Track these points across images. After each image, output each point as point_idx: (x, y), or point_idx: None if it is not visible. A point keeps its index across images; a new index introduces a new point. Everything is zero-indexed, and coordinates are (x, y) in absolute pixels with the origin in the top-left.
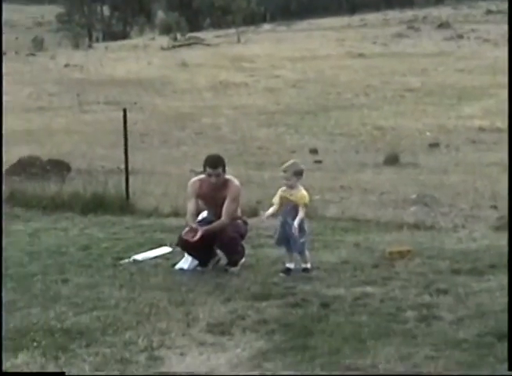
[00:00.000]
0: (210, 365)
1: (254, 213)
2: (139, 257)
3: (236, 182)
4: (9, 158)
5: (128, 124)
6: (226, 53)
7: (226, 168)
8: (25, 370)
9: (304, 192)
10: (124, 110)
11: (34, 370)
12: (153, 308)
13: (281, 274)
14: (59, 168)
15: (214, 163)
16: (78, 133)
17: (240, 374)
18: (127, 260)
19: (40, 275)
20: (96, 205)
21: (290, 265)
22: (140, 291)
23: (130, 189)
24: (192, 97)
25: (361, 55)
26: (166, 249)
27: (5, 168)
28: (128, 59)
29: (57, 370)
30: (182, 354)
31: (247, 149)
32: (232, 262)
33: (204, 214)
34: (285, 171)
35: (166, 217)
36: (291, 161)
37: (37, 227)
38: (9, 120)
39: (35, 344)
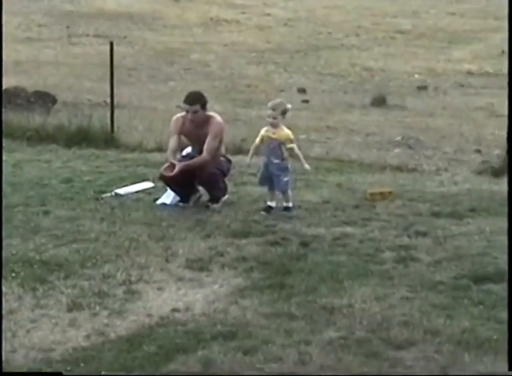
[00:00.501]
0: (188, 300)
1: (239, 151)
2: (121, 191)
3: (219, 119)
4: None
5: (117, 58)
6: None
7: (208, 105)
8: (3, 300)
9: (287, 130)
10: (111, 44)
11: (12, 301)
12: (133, 242)
13: (262, 212)
14: (45, 99)
15: (191, 100)
16: (66, 65)
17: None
18: (109, 194)
19: (21, 206)
20: (81, 138)
21: (272, 204)
22: (121, 225)
23: (115, 124)
24: (183, 33)
25: None
26: (148, 184)
27: None
28: None
29: (34, 301)
30: (159, 289)
31: (235, 86)
32: (214, 199)
33: (189, 149)
34: (273, 109)
35: (150, 152)
36: (279, 100)
37: (21, 158)
38: None
39: (13, 275)
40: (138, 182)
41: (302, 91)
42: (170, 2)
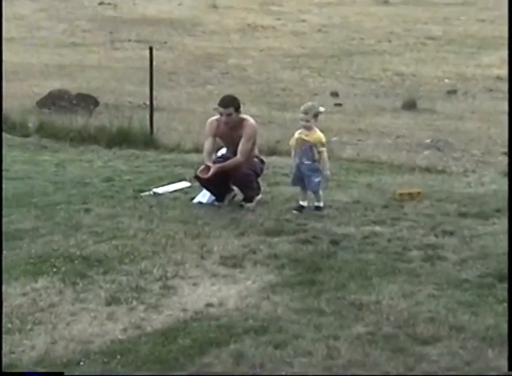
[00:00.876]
0: (221, 296)
1: (273, 152)
2: (159, 190)
3: (252, 121)
4: (40, 91)
5: (157, 62)
6: None
7: (244, 108)
8: (43, 294)
9: (319, 133)
10: (151, 49)
11: (53, 295)
12: (170, 239)
13: (294, 211)
14: (88, 102)
15: (226, 103)
16: (109, 69)
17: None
18: (147, 193)
19: (63, 204)
20: (121, 139)
21: (304, 203)
22: (158, 223)
23: (154, 125)
24: (221, 38)
25: (386, 2)
26: (185, 184)
27: (35, 100)
28: None
29: (74, 295)
30: (194, 284)
31: (271, 90)
32: (248, 198)
33: (223, 150)
34: (306, 113)
35: (187, 153)
36: (310, 103)
37: (64, 158)
38: (42, 54)
39: (55, 269)
40: (176, 181)
41: (335, 94)
42: (209, 9)
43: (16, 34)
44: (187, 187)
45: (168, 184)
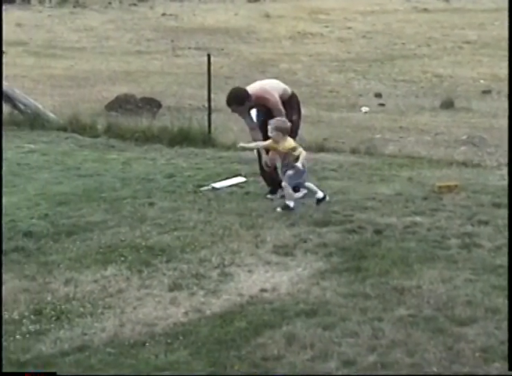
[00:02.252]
0: (274, 282)
1: (321, 149)
2: (217, 185)
3: (261, 91)
4: (108, 95)
5: (214, 68)
6: (305, 6)
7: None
8: (112, 281)
9: (288, 142)
10: (209, 55)
11: (121, 282)
12: (226, 230)
13: (316, 204)
14: (151, 105)
15: (227, 102)
16: (170, 75)
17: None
18: (206, 187)
19: (130, 198)
20: (182, 138)
21: (319, 195)
22: (216, 215)
23: (212, 125)
24: (273, 45)
25: (425, 10)
26: (241, 179)
27: (104, 104)
28: (218, 10)
29: (140, 282)
30: (249, 271)
31: (319, 92)
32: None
33: (254, 112)
34: (271, 128)
35: (242, 150)
36: (274, 120)
37: (130, 156)
38: (111, 62)
39: (122, 258)
40: (232, 177)
41: (378, 95)
42: (262, 18)
43: (86, 43)
44: (243, 182)
45: (225, 179)
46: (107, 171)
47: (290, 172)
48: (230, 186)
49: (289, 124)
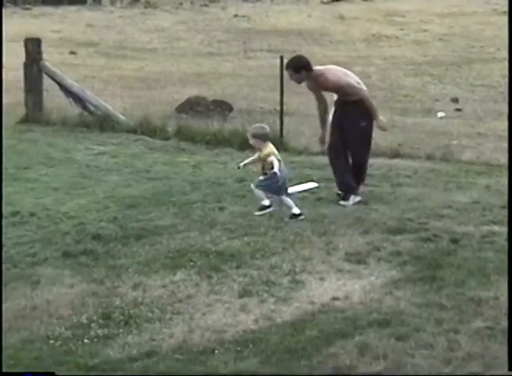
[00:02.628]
0: (346, 290)
1: (396, 154)
2: (288, 190)
3: (324, 74)
4: (179, 97)
5: None
6: (380, 8)
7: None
8: (181, 286)
9: (268, 148)
10: (281, 57)
11: (190, 287)
12: (298, 236)
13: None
14: (223, 107)
15: (286, 65)
16: (242, 77)
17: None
18: None
19: (199, 203)
20: None
21: (295, 211)
22: (287, 221)
23: (284, 129)
24: (347, 47)
25: (505, 12)
26: (313, 184)
27: (174, 106)
28: (291, 12)
29: (209, 287)
30: (321, 279)
31: (394, 96)
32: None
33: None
34: (250, 135)
35: (315, 155)
36: (255, 125)
37: (200, 160)
38: (182, 64)
39: (191, 263)
40: (304, 182)
41: (455, 100)
42: (336, 20)
43: (157, 44)
44: (315, 188)
45: (297, 184)
46: (177, 174)
47: (261, 178)
48: (302, 191)
49: (267, 129)
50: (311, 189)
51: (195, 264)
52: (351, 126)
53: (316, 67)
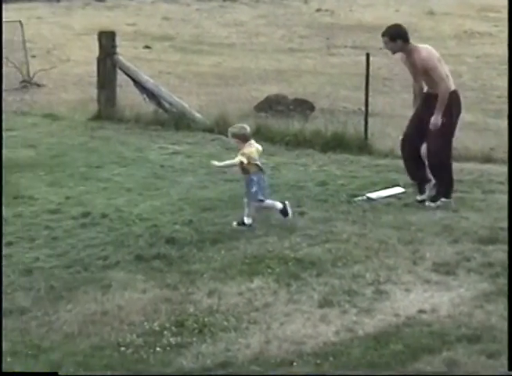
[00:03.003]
0: (434, 302)
1: (488, 159)
2: (373, 195)
3: (421, 52)
4: (258, 95)
5: (372, 68)
6: (473, 3)
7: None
8: (258, 294)
9: (248, 149)
10: (367, 55)
11: (267, 295)
12: (383, 244)
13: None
14: (304, 106)
15: (383, 32)
16: (324, 75)
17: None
18: (360, 197)
19: None
20: (336, 144)
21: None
22: (371, 228)
23: (369, 131)
24: (436, 44)
25: None
26: (399, 189)
27: (253, 104)
28: (377, 6)
29: (288, 296)
30: (406, 290)
31: (487, 97)
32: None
33: None
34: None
35: (401, 158)
36: (236, 124)
37: (279, 161)
38: (261, 60)
39: (269, 270)
40: (389, 187)
41: None
42: (425, 15)
43: (236, 40)
44: (401, 193)
45: (382, 189)
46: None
47: (253, 190)
48: (387, 196)
49: (247, 129)
50: (396, 194)
51: (273, 271)
52: (430, 121)
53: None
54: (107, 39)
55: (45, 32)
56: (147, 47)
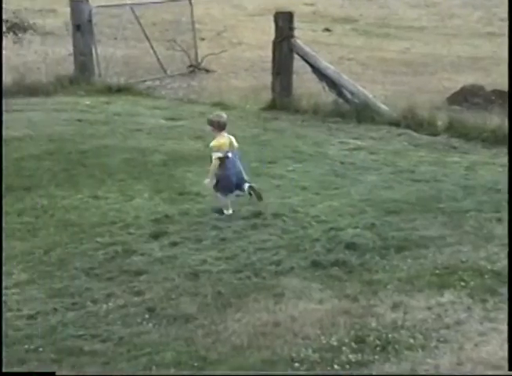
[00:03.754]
0: None
1: None
2: None
3: None
4: (451, 86)
5: None
6: None
7: None
8: (449, 309)
9: (219, 140)
10: None
11: (460, 311)
12: None
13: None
14: (503, 99)
15: None
16: None
17: None
18: None
19: (473, 211)
20: None
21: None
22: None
23: None
24: None
25: None
26: None
27: (445, 96)
28: None
29: (483, 313)
30: None
31: None
32: None
33: None
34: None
35: None
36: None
37: (475, 160)
38: (454, 45)
39: (462, 283)
40: None
41: None
42: None
43: (426, 22)
44: None
45: None
46: (447, 176)
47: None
48: None
49: (223, 117)
50: None
51: (467, 284)
52: None
53: None
54: (284, 21)
55: (215, 12)
56: (327, 30)
